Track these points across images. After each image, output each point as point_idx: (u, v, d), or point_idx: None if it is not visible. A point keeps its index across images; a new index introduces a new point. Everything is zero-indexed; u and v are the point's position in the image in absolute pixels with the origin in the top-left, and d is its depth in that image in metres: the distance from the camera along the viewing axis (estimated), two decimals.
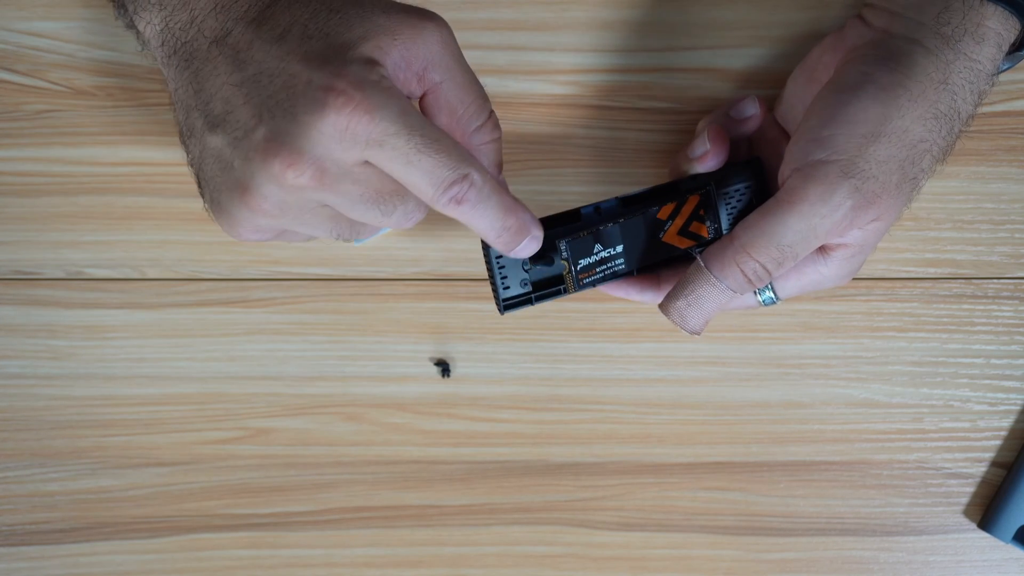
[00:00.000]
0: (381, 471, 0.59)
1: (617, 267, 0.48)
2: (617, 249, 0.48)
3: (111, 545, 0.59)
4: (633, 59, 0.54)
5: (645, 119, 0.55)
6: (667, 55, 0.54)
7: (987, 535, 0.59)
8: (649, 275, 0.50)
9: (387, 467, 0.59)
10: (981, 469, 0.59)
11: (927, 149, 0.44)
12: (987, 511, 0.59)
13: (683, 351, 0.58)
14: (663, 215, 0.48)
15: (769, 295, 0.49)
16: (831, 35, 0.49)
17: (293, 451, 0.58)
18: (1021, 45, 0.47)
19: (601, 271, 0.48)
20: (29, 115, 0.55)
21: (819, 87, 0.46)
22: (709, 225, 0.49)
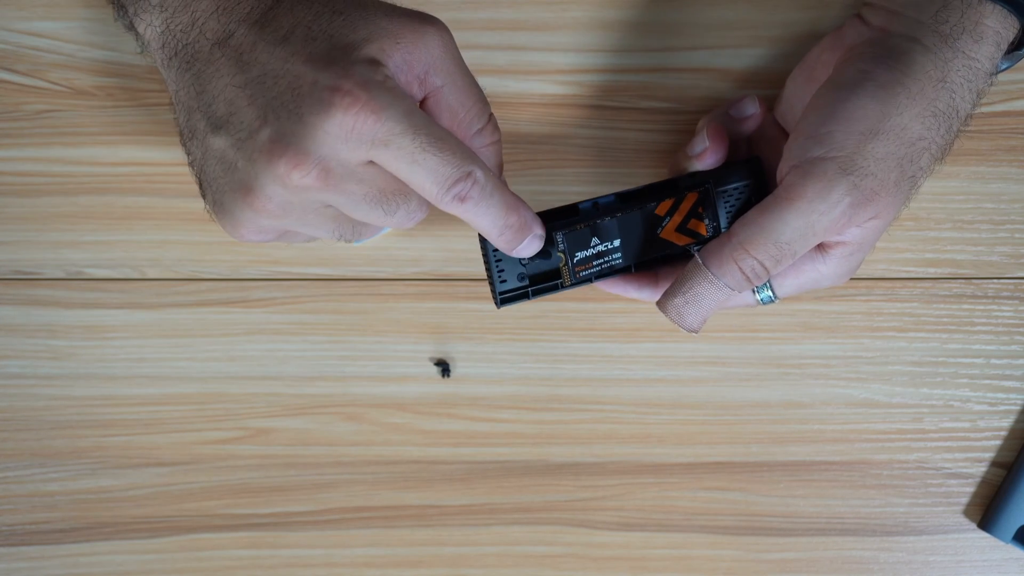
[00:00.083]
0: (381, 471, 0.59)
1: (614, 261, 0.48)
2: (614, 243, 0.48)
3: (111, 545, 0.59)
4: (633, 59, 0.54)
5: (644, 119, 0.55)
6: (666, 55, 0.54)
7: (987, 535, 0.59)
8: (647, 272, 0.50)
9: (387, 467, 0.59)
10: (981, 469, 0.59)
11: (926, 147, 0.44)
12: (987, 511, 0.59)
13: (683, 351, 0.58)
14: (661, 211, 0.48)
15: (767, 294, 0.49)
16: (830, 34, 0.49)
17: (293, 451, 0.58)
18: (1020, 44, 0.47)
19: (598, 265, 0.48)
20: (29, 115, 0.55)
21: (818, 86, 0.46)
22: (707, 223, 0.49)
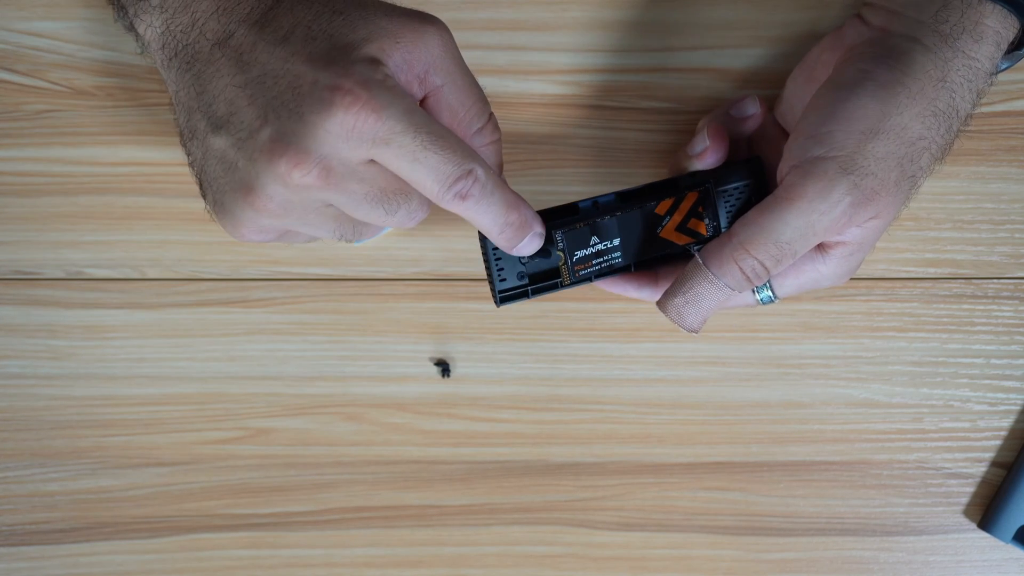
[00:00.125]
0: (381, 471, 0.59)
1: (614, 260, 0.48)
2: (614, 242, 0.48)
3: (111, 545, 0.59)
4: (632, 59, 0.54)
5: (644, 119, 0.55)
6: (666, 55, 0.54)
7: (987, 535, 0.59)
8: (647, 272, 0.50)
9: (387, 467, 0.59)
10: (981, 469, 0.59)
11: (926, 147, 0.44)
12: (987, 511, 0.59)
13: (683, 351, 0.58)
14: (661, 210, 0.48)
15: (767, 294, 0.49)
16: (830, 34, 0.49)
17: (293, 451, 0.58)
18: (1020, 44, 0.47)
19: (597, 264, 0.48)
20: (29, 115, 0.55)
21: (818, 86, 0.46)
22: (708, 223, 0.49)
